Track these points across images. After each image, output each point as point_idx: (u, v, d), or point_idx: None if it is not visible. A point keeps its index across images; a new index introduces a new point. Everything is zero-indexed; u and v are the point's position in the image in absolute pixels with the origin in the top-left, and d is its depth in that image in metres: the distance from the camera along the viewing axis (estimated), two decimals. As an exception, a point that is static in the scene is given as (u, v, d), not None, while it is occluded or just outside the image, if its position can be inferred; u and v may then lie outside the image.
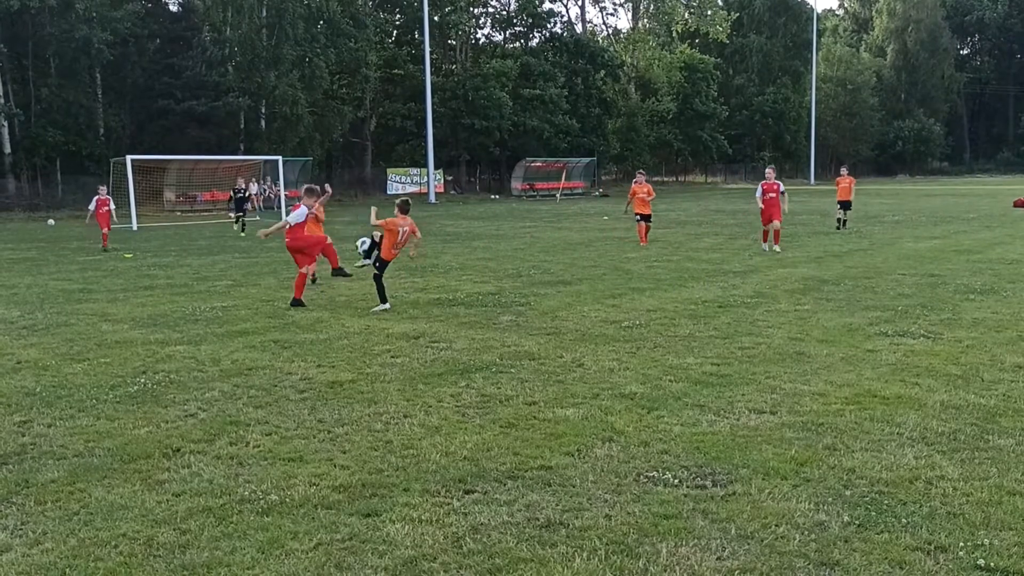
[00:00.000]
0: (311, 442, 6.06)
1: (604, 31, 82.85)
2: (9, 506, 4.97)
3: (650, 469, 5.43)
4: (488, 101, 56.58)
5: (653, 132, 72.51)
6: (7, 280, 15.64)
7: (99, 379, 7.92)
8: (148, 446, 5.96)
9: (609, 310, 11.34)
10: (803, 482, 5.19)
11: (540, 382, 7.62)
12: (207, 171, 41.02)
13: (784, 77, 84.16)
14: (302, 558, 4.30)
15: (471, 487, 5.19)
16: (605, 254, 18.56)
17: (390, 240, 11.56)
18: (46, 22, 41.01)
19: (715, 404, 6.82)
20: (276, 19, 46.25)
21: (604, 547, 4.37)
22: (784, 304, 11.58)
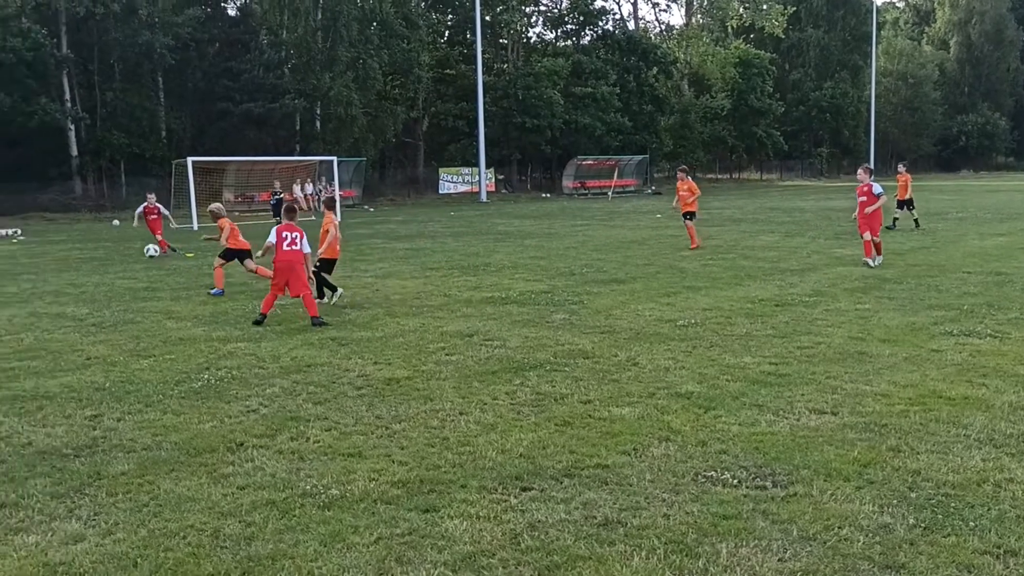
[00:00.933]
0: (369, 438, 6.14)
1: (657, 27, 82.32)
2: (82, 497, 5.12)
3: (708, 469, 5.40)
4: (539, 100, 56.56)
5: (707, 129, 71.78)
6: (76, 279, 16.09)
7: (165, 375, 8.12)
8: (213, 440, 6.11)
9: (664, 308, 11.28)
10: (866, 484, 5.11)
11: (595, 380, 7.61)
12: (264, 172, 41.64)
13: (842, 71, 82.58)
14: (363, 551, 4.36)
15: (528, 484, 5.21)
16: (659, 252, 18.44)
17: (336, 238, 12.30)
18: (111, 28, 42.05)
19: (774, 404, 6.75)
20: (331, 21, 46.80)
21: (663, 546, 4.36)
22: (844, 303, 11.39)
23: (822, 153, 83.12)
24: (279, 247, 11.00)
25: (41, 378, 8.09)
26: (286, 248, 10.96)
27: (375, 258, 18.58)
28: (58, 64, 41.03)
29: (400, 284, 14.26)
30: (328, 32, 47.08)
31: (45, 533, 4.63)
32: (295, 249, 10.92)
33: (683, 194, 19.42)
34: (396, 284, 14.30)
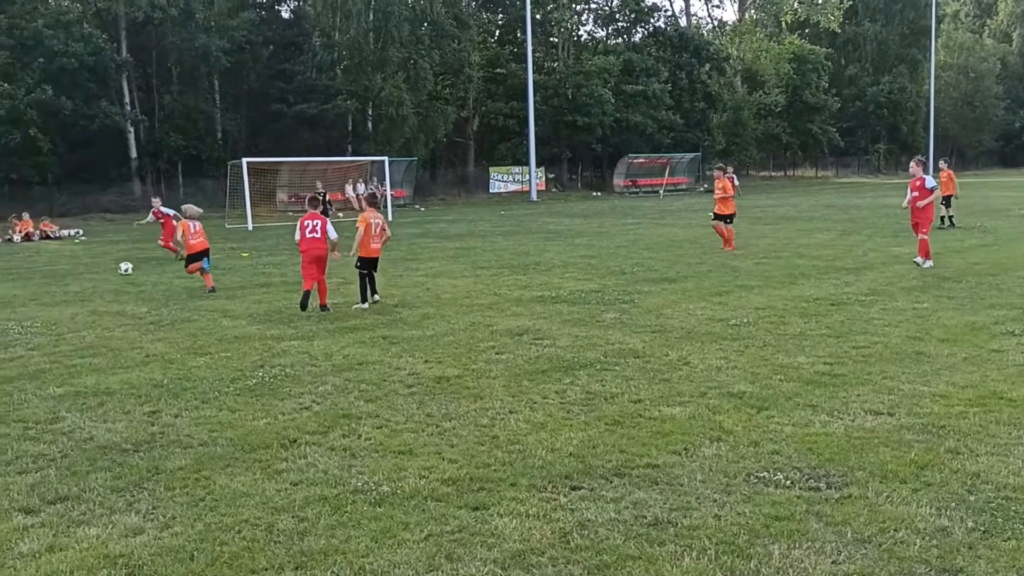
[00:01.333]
0: (420, 436, 6.19)
1: (709, 24, 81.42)
2: (141, 491, 5.25)
3: (760, 469, 5.34)
4: (590, 98, 56.37)
5: (760, 126, 70.83)
6: (135, 278, 16.48)
7: (220, 372, 8.28)
8: (267, 437, 6.21)
9: (716, 308, 11.17)
10: (924, 486, 5.01)
11: (645, 380, 7.57)
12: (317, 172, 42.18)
13: (900, 66, 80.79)
14: (413, 548, 4.40)
15: (577, 483, 5.20)
16: (711, 251, 18.26)
17: (367, 236, 11.76)
18: (168, 32, 42.93)
19: (828, 404, 6.64)
20: (382, 22, 47.19)
21: (714, 547, 4.32)
22: (901, 302, 11.17)
23: (879, 149, 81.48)
24: (303, 237, 11.87)
25: (102, 375, 8.31)
26: (308, 236, 11.82)
27: (426, 257, 18.70)
28: (118, 68, 42.02)
29: (451, 283, 14.33)
30: (380, 33, 47.48)
31: (106, 526, 4.75)
32: (316, 237, 11.78)
33: (717, 195, 18.59)
34: (447, 283, 14.37)
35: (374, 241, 11.89)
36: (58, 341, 10.12)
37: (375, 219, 11.93)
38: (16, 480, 5.47)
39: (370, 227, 11.82)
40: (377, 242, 11.97)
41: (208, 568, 4.24)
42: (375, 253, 11.97)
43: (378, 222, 11.96)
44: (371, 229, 11.83)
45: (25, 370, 8.59)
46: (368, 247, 11.82)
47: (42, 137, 38.61)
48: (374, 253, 11.95)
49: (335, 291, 13.81)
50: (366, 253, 11.83)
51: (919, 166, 15.41)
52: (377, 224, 11.93)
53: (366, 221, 11.87)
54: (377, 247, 12.00)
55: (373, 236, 11.87)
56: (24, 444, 6.19)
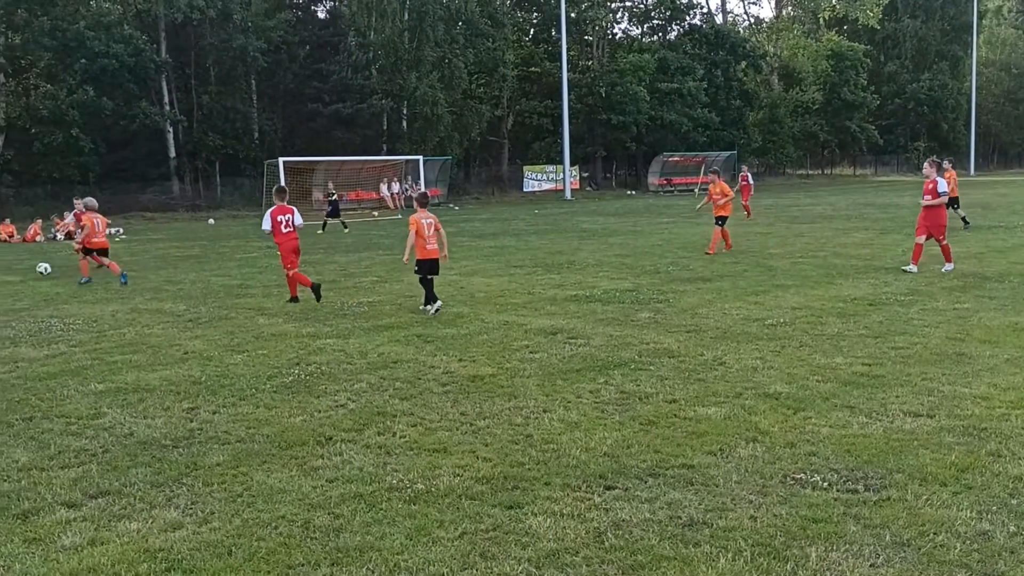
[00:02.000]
0: (454, 434, 6.21)
1: (745, 21, 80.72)
2: (180, 487, 5.32)
3: (797, 471, 5.29)
4: (624, 96, 56.19)
5: (797, 123, 70.12)
6: (174, 276, 16.71)
7: (257, 369, 8.37)
8: (303, 434, 6.27)
9: (751, 307, 11.08)
10: (964, 489, 4.94)
11: (680, 380, 7.53)
12: (352, 171, 42.48)
13: (941, 62, 79.52)
14: (448, 546, 4.42)
15: (612, 483, 5.19)
16: (747, 250, 18.12)
17: (419, 238, 11.29)
18: (206, 33, 43.50)
19: (866, 406, 6.56)
20: (417, 22, 47.41)
21: (750, 548, 4.29)
22: (942, 302, 11.00)
23: (919, 147, 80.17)
24: (276, 231, 12.33)
25: (142, 371, 8.44)
26: (284, 231, 12.36)
27: (460, 256, 18.75)
28: (157, 69, 42.64)
29: (484, 282, 14.36)
30: (415, 33, 47.70)
31: (146, 520, 4.82)
32: (291, 230, 12.38)
33: (715, 197, 17.91)
34: (481, 282, 14.40)
35: (428, 243, 11.33)
36: (99, 338, 10.30)
37: (426, 219, 11.35)
38: (59, 474, 5.57)
39: (421, 228, 11.29)
40: (432, 243, 11.37)
41: (245, 563, 4.29)
42: (432, 254, 11.36)
43: (429, 222, 11.38)
44: (423, 230, 11.29)
45: (67, 366, 8.75)
46: (423, 249, 11.28)
47: (83, 137, 39.32)
48: (431, 254, 11.35)
49: (371, 289, 13.90)
50: (422, 255, 11.31)
51: (933, 167, 14.33)
52: (429, 224, 11.36)
53: (416, 223, 11.30)
54: (434, 247, 11.37)
55: (427, 237, 11.31)
56: (67, 439, 6.30)
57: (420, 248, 11.28)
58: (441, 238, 11.50)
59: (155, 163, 43.84)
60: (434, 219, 11.49)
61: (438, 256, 11.42)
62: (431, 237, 11.35)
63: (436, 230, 11.42)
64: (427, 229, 11.32)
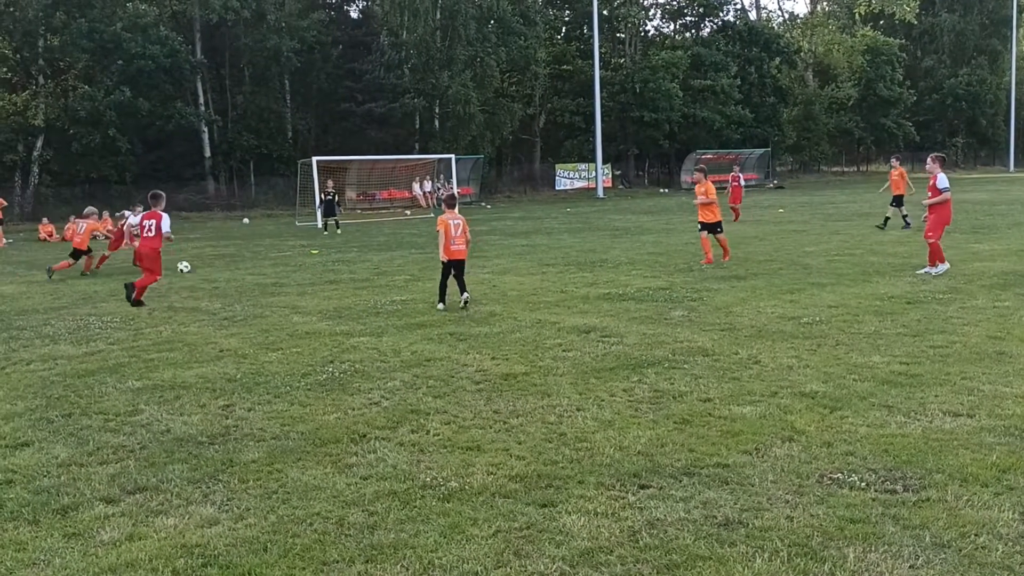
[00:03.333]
0: (487, 432, 6.20)
1: (780, 17, 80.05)
2: (216, 483, 5.37)
3: (834, 471, 5.22)
4: (657, 93, 55.90)
5: (832, 120, 69.29)
6: (209, 275, 16.89)
7: (292, 367, 8.43)
8: (337, 431, 6.30)
9: (787, 306, 10.96)
10: (1006, 490, 4.84)
11: (715, 378, 7.47)
12: (385, 170, 42.68)
13: (980, 57, 78.19)
14: (482, 544, 4.41)
15: (646, 482, 5.16)
16: (781, 248, 17.94)
17: (446, 239, 11.50)
18: (241, 33, 43.93)
19: (905, 405, 6.47)
20: (449, 21, 47.54)
21: (786, 548, 4.24)
22: (981, 300, 10.81)
23: (957, 143, 78.99)
24: (142, 235, 13.32)
25: (178, 369, 8.53)
26: (145, 235, 13.26)
27: (492, 254, 18.77)
28: (192, 69, 43.14)
29: (517, 280, 14.35)
30: (447, 31, 47.84)
31: (182, 516, 4.87)
32: (151, 236, 13.18)
33: (699, 200, 15.87)
34: (513, 280, 14.40)
35: (454, 243, 11.57)
36: (136, 336, 10.43)
37: (454, 220, 11.64)
38: (98, 470, 5.65)
39: (449, 229, 11.55)
40: (459, 244, 11.63)
41: (281, 559, 4.31)
42: (458, 255, 11.63)
43: (458, 223, 11.66)
44: (450, 231, 11.55)
45: (105, 364, 8.87)
46: (448, 249, 11.54)
47: (120, 137, 39.89)
48: (456, 255, 11.61)
49: (404, 288, 13.95)
50: (448, 255, 11.57)
51: (936, 163, 13.49)
52: (457, 225, 11.63)
53: (445, 224, 11.59)
54: (460, 248, 11.64)
55: (454, 238, 11.56)
56: (105, 435, 6.39)
57: (446, 249, 11.54)
58: (467, 240, 11.79)
59: (190, 163, 44.37)
60: (462, 220, 11.74)
61: (464, 257, 11.74)
62: (458, 238, 11.61)
63: (463, 232, 11.70)
64: (454, 230, 11.59)
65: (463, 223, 11.75)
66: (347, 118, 48.02)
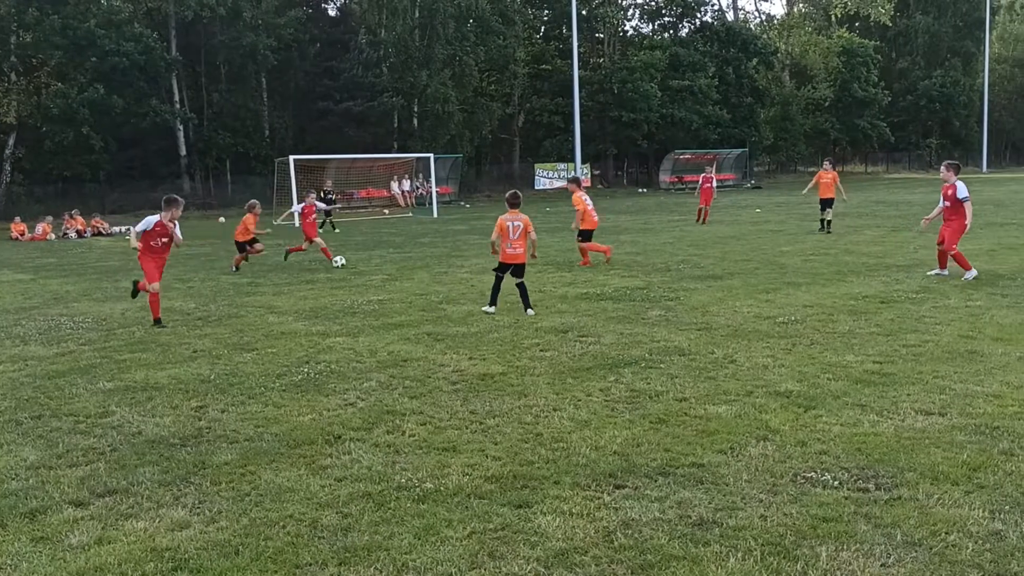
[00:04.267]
0: (464, 433, 6.18)
1: (757, 18, 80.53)
2: (188, 486, 5.32)
3: (808, 470, 5.25)
4: (636, 93, 56.09)
5: (808, 121, 69.82)
6: (183, 275, 16.74)
7: (266, 368, 8.36)
8: (312, 432, 6.25)
9: (763, 305, 11.02)
10: (976, 488, 4.89)
11: (691, 378, 7.49)
12: (363, 169, 42.53)
13: (953, 59, 79.05)
14: (456, 545, 4.39)
15: (621, 482, 5.16)
16: (758, 248, 18.04)
17: (503, 241, 10.89)
18: (217, 31, 43.61)
19: (878, 404, 6.51)
20: (428, 19, 47.43)
21: (759, 548, 4.25)
22: (954, 300, 10.92)
23: (931, 144, 79.78)
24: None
25: (151, 370, 8.44)
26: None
27: (471, 254, 18.74)
28: (168, 67, 42.77)
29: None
30: (425, 30, 47.74)
31: (153, 519, 4.82)
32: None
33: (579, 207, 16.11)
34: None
35: (512, 246, 10.78)
36: (108, 336, 10.32)
37: (514, 221, 10.76)
38: (67, 473, 5.58)
39: (506, 229, 10.76)
40: (517, 246, 10.82)
41: (253, 563, 4.27)
42: (516, 259, 10.86)
43: (517, 224, 10.77)
44: (508, 232, 10.75)
45: (76, 364, 8.77)
46: (505, 251, 10.82)
47: (94, 135, 39.50)
48: (514, 259, 10.85)
49: (381, 287, 13.88)
50: (504, 258, 10.86)
51: (951, 171, 13.17)
52: (517, 227, 10.77)
53: (502, 224, 10.79)
54: (518, 252, 10.85)
55: (512, 240, 10.77)
56: (75, 437, 6.31)
57: (502, 250, 10.90)
58: (530, 239, 11.01)
59: (165, 161, 43.99)
60: (524, 221, 10.89)
61: (523, 260, 11.01)
62: (516, 241, 10.83)
63: (525, 232, 10.90)
64: (513, 231, 10.79)
65: (524, 223, 10.87)
66: (325, 116, 47.80)
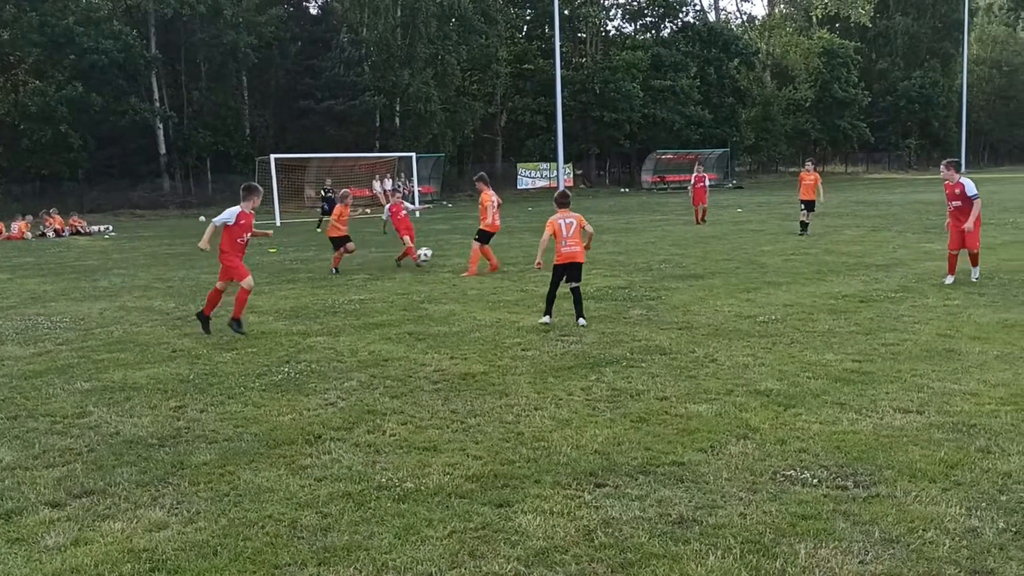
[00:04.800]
0: (445, 432, 6.17)
1: (738, 18, 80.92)
2: (166, 486, 5.28)
3: (787, 468, 5.27)
4: (618, 93, 56.21)
5: (789, 121, 70.24)
6: (163, 274, 16.63)
7: (246, 368, 8.31)
8: (292, 432, 6.22)
9: (743, 304, 11.07)
10: (953, 486, 4.93)
11: (672, 377, 7.51)
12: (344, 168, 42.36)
13: (932, 60, 79.76)
14: (437, 545, 4.38)
15: (602, 481, 5.16)
16: (739, 247, 18.12)
17: (556, 241, 10.12)
18: (197, 28, 43.30)
19: (856, 402, 6.55)
20: (410, 18, 47.32)
21: (739, 546, 4.27)
22: (932, 299, 11.01)
23: (910, 145, 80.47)
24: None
25: (129, 370, 8.38)
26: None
27: (452, 253, 18.71)
28: (147, 64, 42.44)
29: (477, 279, 14.32)
30: (407, 29, 47.62)
31: (130, 520, 4.78)
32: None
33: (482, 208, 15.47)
34: (473, 279, 14.36)
35: (568, 243, 10.02)
36: (86, 336, 10.23)
37: (566, 219, 10.06)
38: (43, 474, 5.52)
39: (559, 230, 10.01)
40: (573, 244, 10.05)
41: (231, 563, 4.24)
42: (573, 257, 10.05)
43: (570, 221, 10.05)
44: (561, 231, 10.00)
45: (54, 364, 8.69)
46: (560, 251, 10.04)
47: (73, 133, 39.14)
48: (571, 257, 10.05)
49: (362, 287, 13.84)
50: (560, 259, 10.03)
51: (952, 169, 12.72)
52: (570, 224, 10.04)
53: (553, 224, 10.04)
54: (574, 250, 10.07)
55: (566, 237, 10.01)
56: (51, 438, 6.25)
57: (557, 250, 10.09)
58: (587, 233, 10.22)
59: (145, 160, 43.66)
60: (576, 218, 10.16)
61: (581, 259, 10.17)
62: (571, 238, 10.06)
63: (580, 228, 10.15)
64: (566, 230, 10.05)
65: (577, 220, 10.15)
66: (306, 115, 47.58)
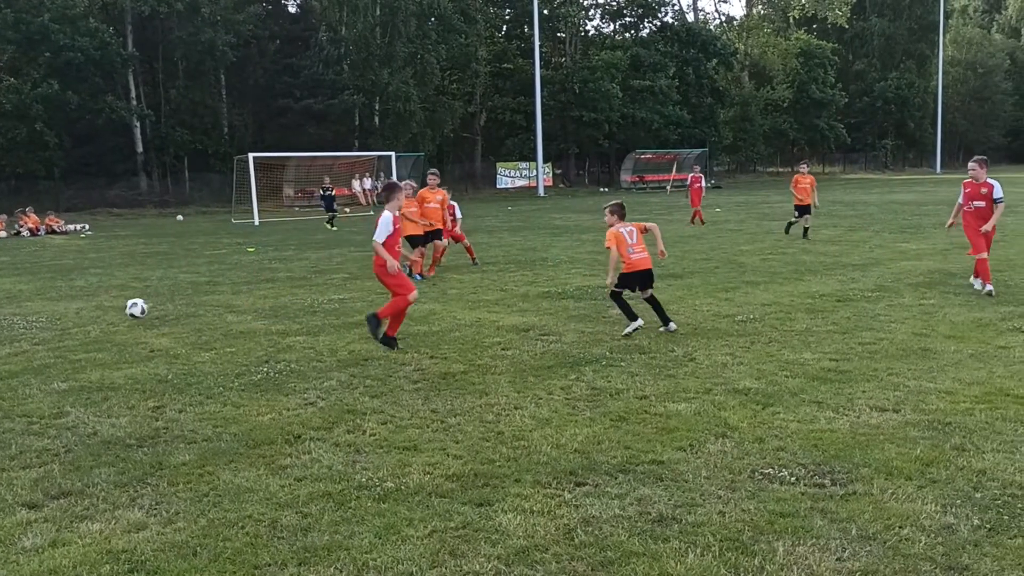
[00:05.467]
0: (425, 431, 6.17)
1: (716, 19, 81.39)
2: (145, 487, 5.24)
3: (765, 466, 5.31)
4: (597, 93, 56.36)
5: (767, 121, 70.70)
6: (141, 273, 16.50)
7: (225, 367, 8.27)
8: (271, 432, 6.20)
9: (722, 304, 11.14)
10: (929, 483, 4.99)
11: (651, 376, 7.55)
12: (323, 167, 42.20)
13: (908, 61, 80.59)
14: (417, 544, 4.39)
15: (582, 480, 5.19)
16: (717, 247, 18.22)
17: (623, 251, 9.48)
18: (174, 26, 42.99)
19: (834, 401, 6.61)
20: (389, 17, 47.20)
21: (718, 543, 4.30)
22: (908, 298, 11.12)
23: (887, 145, 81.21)
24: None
25: (107, 370, 8.31)
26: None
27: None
28: (124, 62, 42.09)
29: (457, 279, 14.32)
30: (387, 28, 47.49)
31: (109, 521, 4.75)
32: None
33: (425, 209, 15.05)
34: (453, 279, 14.36)
35: (634, 250, 9.46)
36: (63, 336, 10.14)
37: (626, 229, 9.54)
38: (20, 475, 5.47)
39: (623, 240, 9.44)
40: (639, 250, 9.49)
41: (211, 564, 4.23)
42: (642, 264, 9.47)
43: (630, 230, 9.55)
44: (625, 241, 9.44)
45: (30, 364, 8.61)
46: (628, 260, 9.43)
47: (48, 131, 38.76)
48: (640, 265, 9.45)
49: (342, 286, 13.80)
50: (628, 268, 9.44)
51: (984, 168, 11.65)
52: (631, 232, 9.53)
53: (615, 236, 9.46)
54: (643, 256, 9.51)
55: (632, 244, 9.45)
56: (28, 439, 6.19)
57: (625, 259, 9.48)
58: (654, 235, 9.83)
59: (122, 158, 43.30)
60: (635, 226, 9.66)
61: (650, 265, 9.59)
62: (636, 244, 9.52)
63: (643, 232, 9.69)
64: (629, 237, 9.51)
65: (638, 228, 9.65)
66: (285, 114, 47.37)
